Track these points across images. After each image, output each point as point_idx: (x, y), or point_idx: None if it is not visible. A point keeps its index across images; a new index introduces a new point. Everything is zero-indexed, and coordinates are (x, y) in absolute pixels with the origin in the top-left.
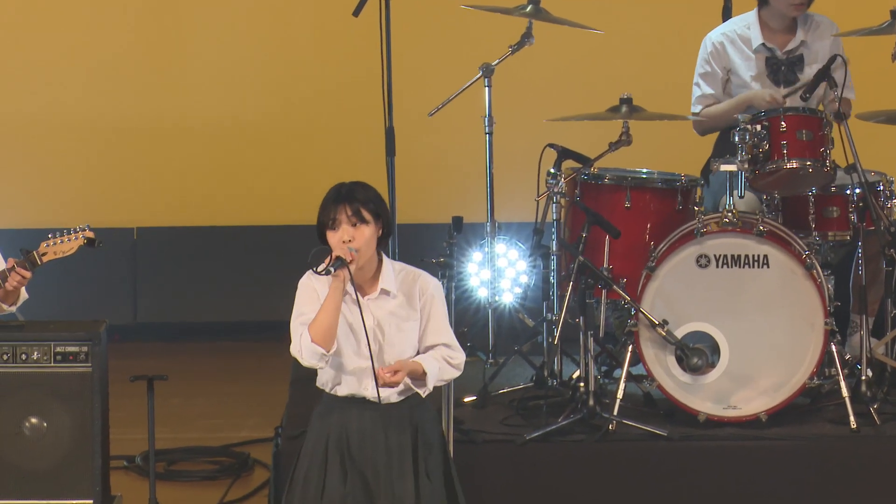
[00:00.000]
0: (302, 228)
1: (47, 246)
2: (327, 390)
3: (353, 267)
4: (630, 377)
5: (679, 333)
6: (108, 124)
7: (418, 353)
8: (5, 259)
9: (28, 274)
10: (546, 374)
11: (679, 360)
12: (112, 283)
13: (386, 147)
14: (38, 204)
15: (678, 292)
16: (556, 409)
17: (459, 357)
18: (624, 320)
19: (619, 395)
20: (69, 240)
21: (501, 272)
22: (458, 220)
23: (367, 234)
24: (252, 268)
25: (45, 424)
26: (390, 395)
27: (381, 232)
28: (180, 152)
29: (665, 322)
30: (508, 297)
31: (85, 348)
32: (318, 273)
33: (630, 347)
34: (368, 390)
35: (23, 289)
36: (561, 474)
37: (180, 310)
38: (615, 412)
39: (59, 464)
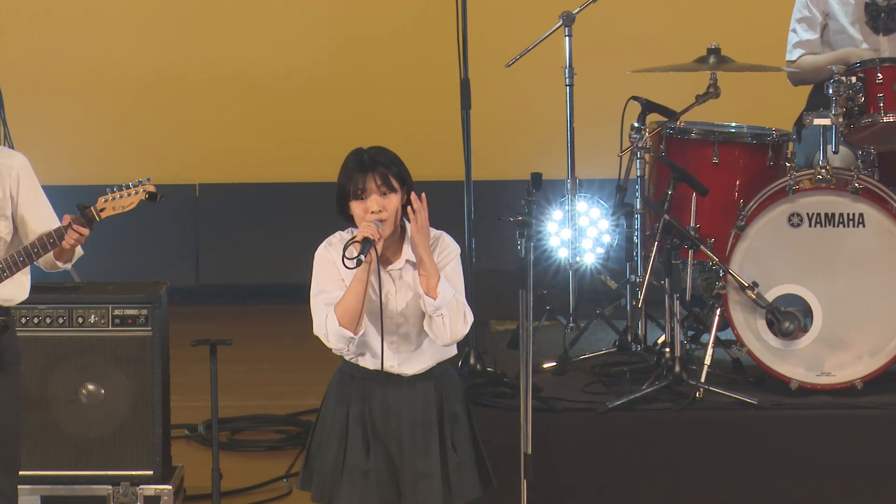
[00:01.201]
0: None
1: (105, 201)
2: (347, 358)
3: (380, 245)
4: (718, 342)
5: (770, 296)
6: (168, 77)
7: None
8: (60, 217)
9: (86, 231)
10: (629, 338)
11: (770, 325)
12: (172, 242)
13: (461, 100)
14: (96, 159)
15: (769, 253)
16: (639, 376)
17: (469, 312)
18: (712, 282)
19: (707, 361)
20: (129, 194)
21: (583, 231)
22: (536, 177)
23: (395, 203)
24: (320, 226)
25: (103, 391)
26: (399, 366)
27: (404, 199)
28: (243, 105)
29: (755, 284)
30: (590, 258)
31: (144, 311)
32: (351, 267)
33: (718, 311)
34: (394, 368)
35: (77, 246)
36: (644, 444)
37: (244, 271)
38: (702, 379)
39: (116, 433)
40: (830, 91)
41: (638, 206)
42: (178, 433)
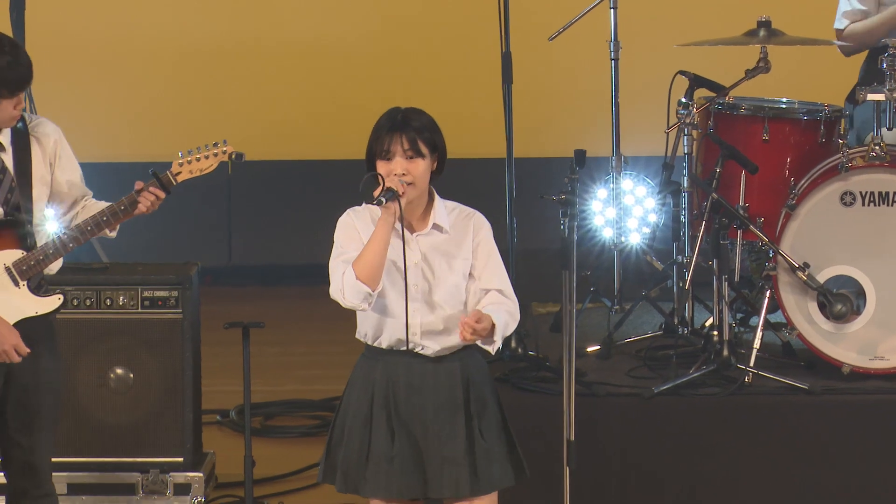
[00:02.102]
0: None
1: (181, 165)
2: (369, 342)
3: (403, 201)
4: (768, 325)
5: (821, 278)
6: (199, 50)
7: (467, 297)
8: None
9: (163, 194)
10: (676, 321)
11: (821, 307)
12: (204, 221)
13: (502, 74)
14: (122, 135)
15: (821, 233)
16: (686, 360)
17: (516, 308)
18: (761, 263)
19: (756, 344)
20: (208, 156)
21: (628, 210)
22: (580, 154)
23: (421, 168)
24: (357, 204)
25: (132, 376)
26: (421, 337)
27: (435, 166)
28: (277, 79)
29: (806, 265)
30: (635, 238)
31: (175, 293)
32: (370, 203)
33: (768, 293)
34: (416, 337)
35: None
36: (691, 431)
37: (278, 251)
38: (751, 363)
39: (146, 418)
40: (885, 65)
41: (685, 185)
42: (210, 419)
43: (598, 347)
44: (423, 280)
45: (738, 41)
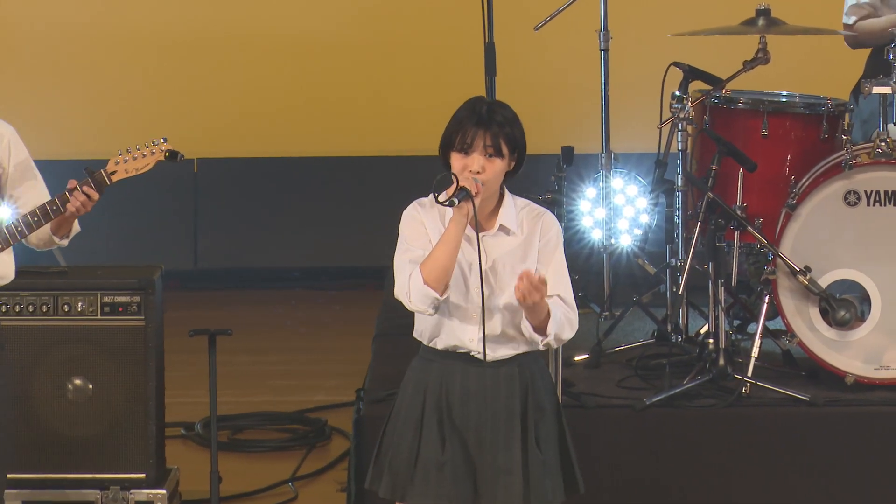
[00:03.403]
0: (388, 160)
1: (117, 163)
2: (425, 342)
3: (477, 201)
4: (767, 332)
5: (823, 282)
6: (163, 40)
7: None
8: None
9: (96, 195)
10: (669, 328)
11: (824, 313)
12: (168, 222)
13: (485, 65)
14: (82, 131)
15: (823, 234)
16: (680, 370)
17: (575, 317)
18: (760, 267)
19: (754, 353)
20: (144, 155)
21: (618, 211)
22: (568, 151)
23: (498, 167)
24: (332, 205)
25: (91, 386)
26: (496, 351)
27: (512, 166)
28: (247, 72)
29: (808, 269)
30: (626, 240)
31: (137, 298)
32: (441, 203)
33: (767, 298)
34: (474, 342)
35: (76, 220)
36: (686, 445)
37: (247, 253)
38: (749, 373)
39: (106, 432)
40: (892, 56)
41: (679, 183)
42: (174, 432)
43: (587, 356)
44: (486, 284)
45: (735, 30)
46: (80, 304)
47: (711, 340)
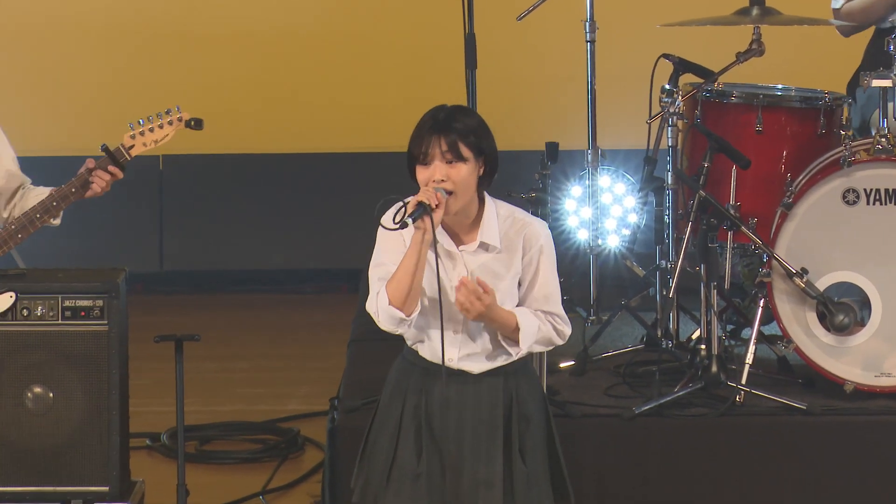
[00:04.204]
0: (364, 157)
1: (133, 137)
2: (409, 345)
3: (438, 214)
4: (761, 338)
5: (821, 284)
6: (128, 29)
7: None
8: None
9: (120, 173)
10: (659, 334)
11: (821, 318)
12: (132, 222)
13: (465, 58)
14: (40, 125)
15: (820, 235)
16: (671, 377)
17: (564, 329)
18: (754, 269)
19: (749, 359)
20: (162, 125)
21: (605, 210)
22: (552, 147)
23: (463, 173)
24: (305, 204)
25: (52, 395)
26: (458, 361)
27: (482, 170)
28: (216, 64)
29: (804, 271)
30: (614, 241)
31: (100, 302)
32: (392, 228)
33: (761, 302)
34: (453, 361)
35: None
36: (677, 455)
37: (215, 255)
38: (743, 380)
39: (67, 443)
40: (892, 48)
41: (669, 181)
42: (139, 443)
43: (573, 363)
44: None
45: (728, 21)
46: (39, 309)
47: (703, 346)
